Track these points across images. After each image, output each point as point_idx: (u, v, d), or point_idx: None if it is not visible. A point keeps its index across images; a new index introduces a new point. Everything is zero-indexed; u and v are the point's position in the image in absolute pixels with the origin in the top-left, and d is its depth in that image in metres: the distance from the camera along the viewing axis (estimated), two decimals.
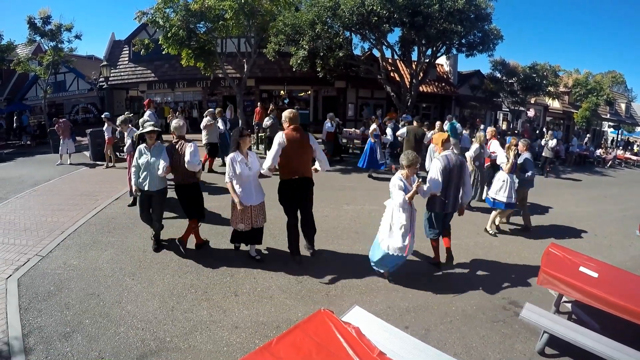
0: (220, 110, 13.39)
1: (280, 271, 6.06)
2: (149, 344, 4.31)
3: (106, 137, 13.41)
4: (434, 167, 6.09)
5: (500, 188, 8.09)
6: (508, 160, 8.13)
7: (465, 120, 18.71)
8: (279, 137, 5.81)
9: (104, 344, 4.27)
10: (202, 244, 6.86)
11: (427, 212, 6.39)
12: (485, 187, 9.51)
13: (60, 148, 14.56)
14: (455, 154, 6.25)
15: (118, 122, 9.53)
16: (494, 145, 9.81)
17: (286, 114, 6.03)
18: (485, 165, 9.78)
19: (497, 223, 8.61)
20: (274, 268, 6.16)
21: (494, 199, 8.25)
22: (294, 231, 6.22)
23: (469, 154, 9.49)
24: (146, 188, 6.17)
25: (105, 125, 13.33)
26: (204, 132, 12.18)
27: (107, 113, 14.11)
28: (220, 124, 12.50)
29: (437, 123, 12.67)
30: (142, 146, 6.21)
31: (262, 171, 5.93)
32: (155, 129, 6.28)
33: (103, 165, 13.77)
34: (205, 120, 12.13)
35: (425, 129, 12.80)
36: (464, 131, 16.46)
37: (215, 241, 7.13)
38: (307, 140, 5.94)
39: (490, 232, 8.38)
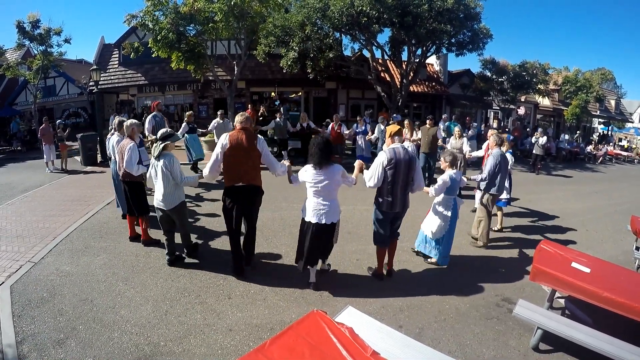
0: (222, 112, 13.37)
1: (273, 273, 6.06)
2: (143, 348, 4.29)
3: (62, 143, 14.46)
4: (377, 159, 5.57)
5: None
6: None
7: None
8: (222, 139, 5.50)
9: (98, 350, 4.24)
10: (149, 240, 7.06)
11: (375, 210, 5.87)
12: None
13: (45, 156, 14.43)
14: (404, 147, 5.58)
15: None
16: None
17: (237, 117, 5.66)
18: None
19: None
20: (267, 270, 6.17)
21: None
22: (235, 250, 5.91)
23: None
24: None
25: (59, 130, 14.40)
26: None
27: (60, 120, 15.29)
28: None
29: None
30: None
31: (204, 176, 5.73)
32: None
33: (94, 170, 13.84)
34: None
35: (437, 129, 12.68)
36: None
37: (208, 245, 7.14)
38: (252, 142, 5.45)
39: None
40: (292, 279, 5.88)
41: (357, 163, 5.76)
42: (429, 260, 6.68)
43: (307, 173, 5.25)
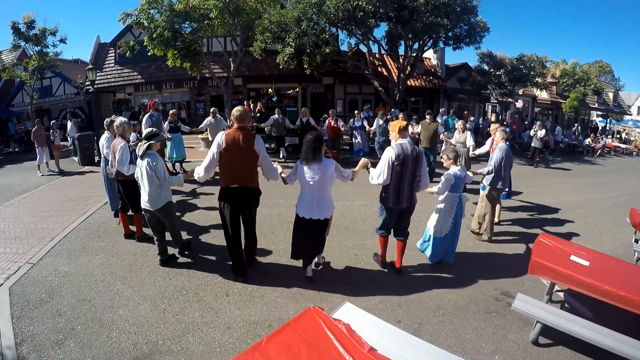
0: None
1: (271, 270, 6.06)
2: (142, 347, 4.28)
3: (54, 144, 14.40)
4: (385, 155, 5.53)
5: None
6: None
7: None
8: (218, 138, 5.25)
9: (97, 350, 4.23)
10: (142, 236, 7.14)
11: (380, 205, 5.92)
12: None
13: (38, 157, 14.06)
14: (411, 143, 5.56)
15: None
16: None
17: (233, 111, 5.35)
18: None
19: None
20: (265, 267, 6.17)
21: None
22: (233, 253, 5.73)
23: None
24: None
25: (51, 131, 14.45)
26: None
27: (54, 121, 15.61)
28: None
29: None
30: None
31: (197, 177, 5.51)
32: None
33: (91, 170, 13.86)
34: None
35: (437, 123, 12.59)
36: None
37: (205, 242, 7.13)
38: (250, 143, 5.21)
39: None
40: (289, 275, 5.88)
41: (362, 161, 5.73)
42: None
43: (299, 169, 5.27)
